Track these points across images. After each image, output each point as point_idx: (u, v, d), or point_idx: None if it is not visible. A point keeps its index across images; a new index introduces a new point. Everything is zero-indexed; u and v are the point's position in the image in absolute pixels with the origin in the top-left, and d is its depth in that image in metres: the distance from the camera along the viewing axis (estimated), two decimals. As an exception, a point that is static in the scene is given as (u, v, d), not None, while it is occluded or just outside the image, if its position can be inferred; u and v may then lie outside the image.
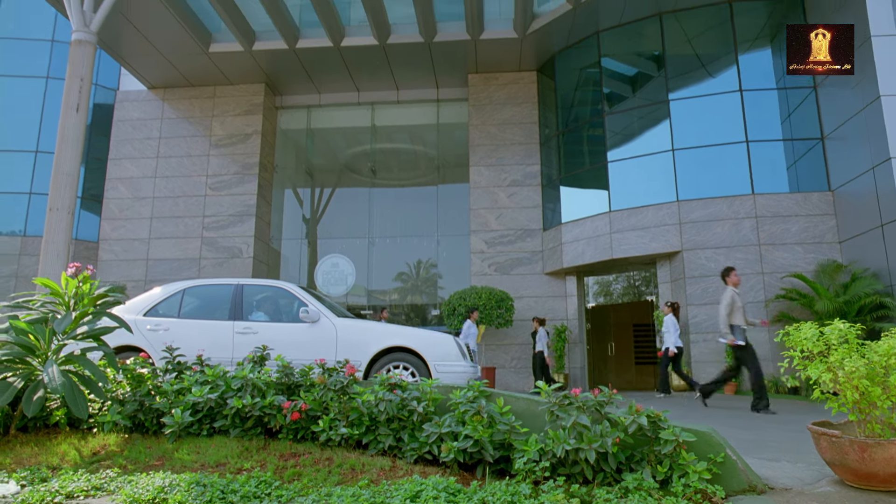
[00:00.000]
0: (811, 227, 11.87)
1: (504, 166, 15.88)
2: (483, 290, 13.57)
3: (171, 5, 13.18)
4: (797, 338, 3.00)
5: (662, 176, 13.08)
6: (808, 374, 2.92)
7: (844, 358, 2.81)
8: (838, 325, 2.95)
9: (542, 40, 14.89)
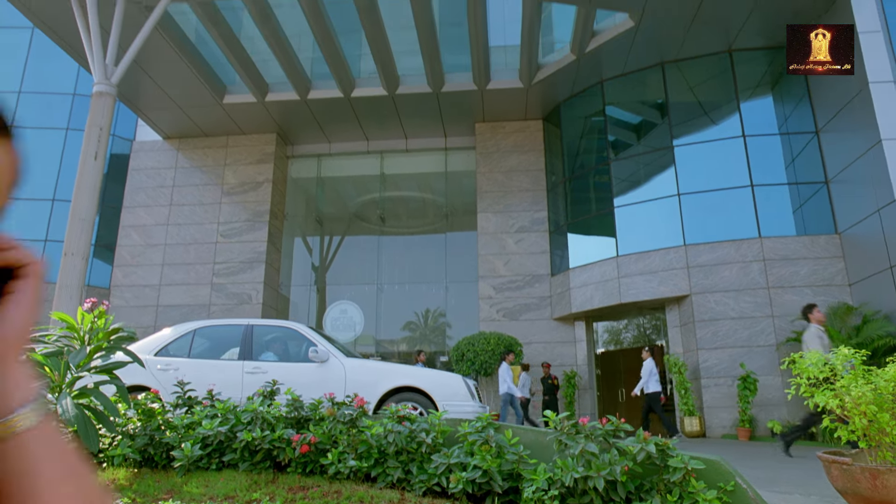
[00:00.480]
0: (820, 270, 11.86)
1: (512, 213, 16.06)
2: (492, 336, 13.55)
3: (188, 58, 13.68)
4: (803, 365, 3.02)
5: (669, 220, 13.19)
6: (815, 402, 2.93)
7: (851, 383, 2.83)
8: (843, 350, 2.97)
9: (548, 90, 15.27)
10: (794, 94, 13.14)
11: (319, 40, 13.09)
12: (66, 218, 15.46)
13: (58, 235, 15.48)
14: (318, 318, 16.96)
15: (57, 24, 12.27)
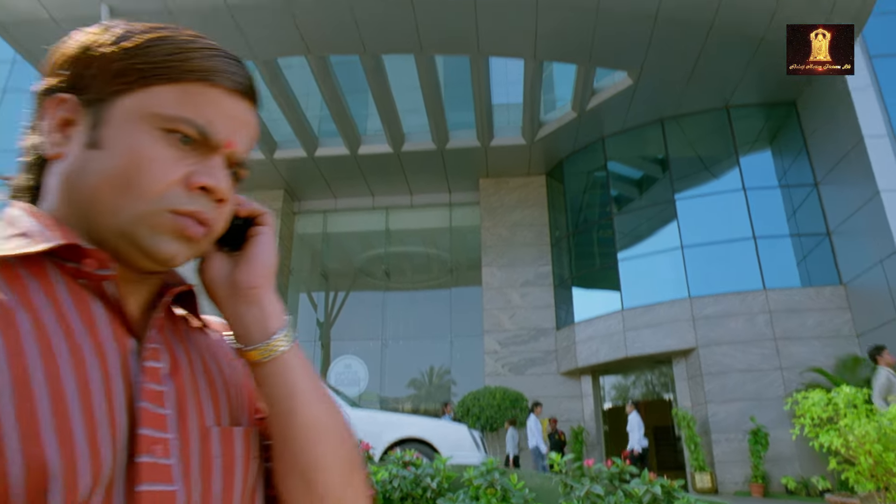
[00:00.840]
0: (826, 321, 11.80)
1: (516, 267, 16.14)
2: (497, 390, 13.41)
3: (201, 118, 14.09)
4: (806, 405, 3.02)
5: (673, 273, 13.23)
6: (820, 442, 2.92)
7: (854, 422, 2.82)
8: (845, 389, 2.97)
9: (550, 146, 15.61)
10: (791, 148, 13.39)
11: (327, 99, 13.51)
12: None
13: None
14: (323, 372, 16.83)
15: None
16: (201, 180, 0.57)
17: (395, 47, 12.06)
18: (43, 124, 0.60)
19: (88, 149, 0.57)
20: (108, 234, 0.56)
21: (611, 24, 11.34)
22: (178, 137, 0.57)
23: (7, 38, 11.47)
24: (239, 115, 0.62)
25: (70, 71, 0.59)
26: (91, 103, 0.58)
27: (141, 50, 0.58)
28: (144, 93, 0.57)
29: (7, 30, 11.28)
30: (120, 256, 0.57)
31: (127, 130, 0.56)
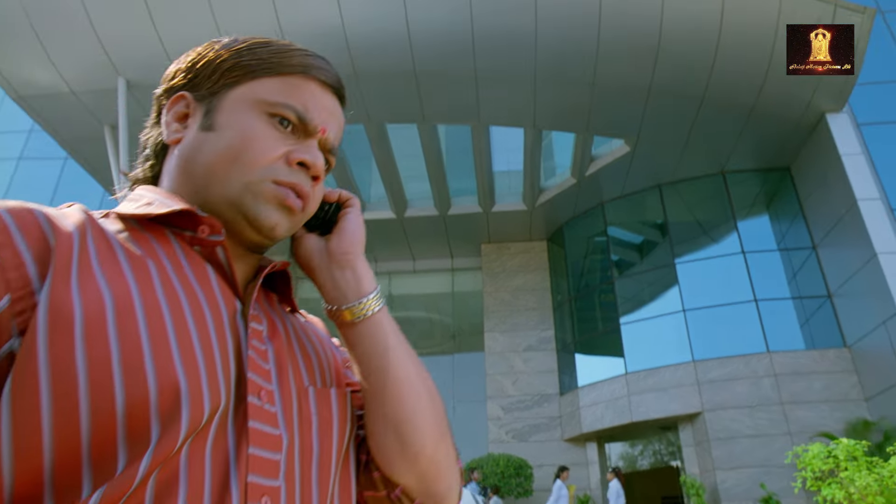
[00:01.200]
0: (833, 385, 11.67)
1: (518, 332, 16.11)
2: (501, 457, 13.14)
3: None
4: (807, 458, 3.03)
5: (676, 336, 13.20)
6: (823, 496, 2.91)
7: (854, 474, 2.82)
8: (844, 441, 2.99)
9: (551, 212, 15.89)
10: (788, 212, 13.61)
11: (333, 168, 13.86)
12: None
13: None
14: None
15: (90, 156, 13.16)
16: (300, 156, 0.68)
17: (398, 117, 12.50)
18: (163, 118, 0.73)
19: (203, 131, 0.69)
20: (219, 204, 0.66)
21: (606, 96, 11.80)
22: (279, 121, 0.68)
23: (27, 109, 11.94)
24: (330, 107, 0.73)
25: (186, 74, 0.72)
26: (204, 97, 0.70)
27: (249, 50, 0.71)
28: (252, 84, 0.69)
29: (28, 102, 11.76)
30: (229, 228, 0.66)
31: (237, 114, 0.68)
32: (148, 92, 7.27)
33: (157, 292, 0.55)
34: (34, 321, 0.48)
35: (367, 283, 0.73)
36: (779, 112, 12.09)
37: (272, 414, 0.60)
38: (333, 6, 10.26)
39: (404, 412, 0.69)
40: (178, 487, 0.50)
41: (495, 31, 10.66)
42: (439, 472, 0.73)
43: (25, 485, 0.45)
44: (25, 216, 0.53)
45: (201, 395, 0.53)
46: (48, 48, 10.85)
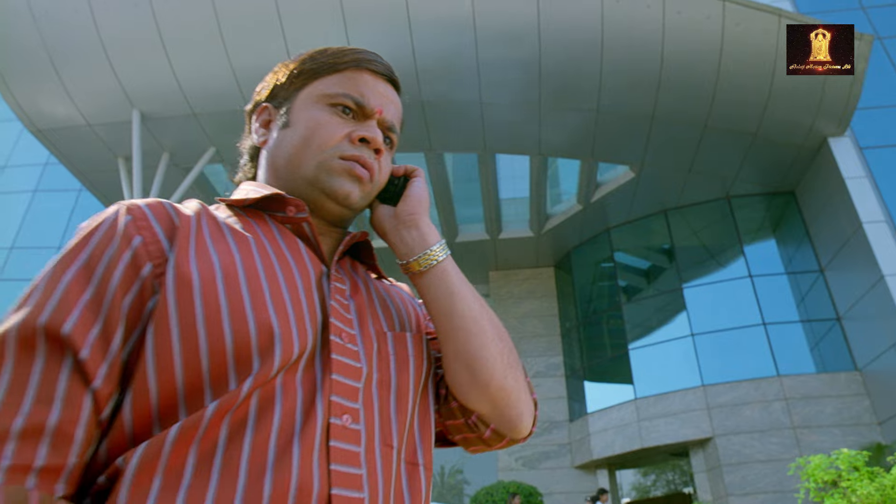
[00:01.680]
0: (845, 409, 11.57)
1: (527, 358, 16.08)
2: (511, 485, 13.00)
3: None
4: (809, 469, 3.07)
5: (685, 361, 13.16)
6: (826, 504, 2.94)
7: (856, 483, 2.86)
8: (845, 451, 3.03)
9: (557, 238, 15.99)
10: (794, 236, 13.65)
11: (341, 196, 14.08)
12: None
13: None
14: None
15: (104, 187, 13.43)
16: (360, 133, 0.82)
17: (406, 146, 12.74)
18: (252, 127, 0.92)
19: (283, 129, 0.85)
20: (301, 185, 0.82)
21: (610, 123, 11.99)
22: (341, 109, 0.83)
23: (44, 142, 12.26)
24: (385, 92, 0.88)
25: (266, 90, 0.91)
26: (280, 103, 0.88)
27: (310, 58, 0.88)
28: (315, 83, 0.86)
29: (45, 135, 12.08)
30: (312, 206, 0.82)
31: (306, 111, 0.84)
32: (161, 123, 7.82)
33: (255, 260, 0.71)
34: (166, 281, 0.66)
35: (431, 237, 0.86)
36: (781, 137, 12.24)
37: (353, 351, 0.73)
38: (341, 36, 10.57)
39: (472, 347, 0.80)
40: (275, 403, 0.65)
41: (500, 60, 10.92)
42: (509, 400, 0.83)
43: (165, 397, 0.63)
44: (158, 207, 0.72)
45: (291, 336, 0.67)
46: (66, 82, 11.19)
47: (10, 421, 0.56)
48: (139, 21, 10.43)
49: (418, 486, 0.76)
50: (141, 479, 0.58)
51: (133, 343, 0.64)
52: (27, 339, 0.60)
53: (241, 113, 4.87)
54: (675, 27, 10.50)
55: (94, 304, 0.63)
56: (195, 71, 11.08)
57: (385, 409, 0.74)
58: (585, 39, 10.64)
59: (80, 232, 0.69)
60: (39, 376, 0.59)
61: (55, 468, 0.57)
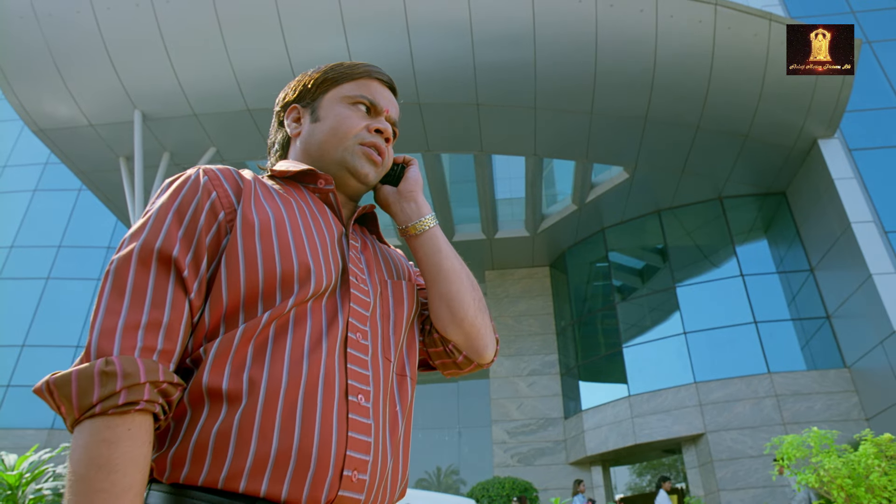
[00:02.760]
0: (834, 405, 11.80)
1: (523, 356, 16.29)
2: (506, 480, 13.20)
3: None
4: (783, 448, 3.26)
5: (678, 358, 13.38)
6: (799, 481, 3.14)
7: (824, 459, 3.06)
8: (816, 430, 3.23)
9: (553, 238, 16.20)
10: (785, 236, 13.89)
11: (339, 195, 14.26)
12: (88, 365, 15.86)
13: (78, 382, 15.77)
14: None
15: (105, 186, 13.58)
16: (376, 125, 1.07)
17: (404, 146, 12.93)
18: (285, 122, 1.14)
19: (313, 123, 1.09)
20: (330, 165, 1.06)
21: (605, 125, 12.21)
22: (359, 107, 1.08)
23: (46, 141, 12.40)
24: (388, 96, 1.13)
25: (294, 93, 1.14)
26: (308, 104, 1.12)
27: (331, 69, 1.12)
28: (337, 88, 1.11)
29: (47, 135, 12.23)
30: (336, 181, 1.06)
31: (331, 108, 1.09)
32: (162, 123, 8.12)
33: (296, 216, 0.96)
34: (235, 225, 0.89)
35: (425, 209, 1.11)
36: (772, 138, 12.47)
37: (364, 289, 0.98)
38: (341, 41, 10.76)
39: (452, 291, 1.06)
40: (308, 317, 0.89)
41: (496, 63, 11.12)
42: (478, 333, 1.08)
43: (231, 307, 0.86)
44: (227, 171, 0.96)
45: (321, 273, 0.91)
46: (68, 82, 11.35)
47: (139, 317, 0.79)
48: (141, 22, 10.60)
49: (405, 390, 1.02)
50: (217, 362, 0.82)
51: (213, 269, 0.87)
52: (145, 258, 0.83)
53: (241, 114, 5.38)
54: (667, 31, 10.72)
55: (187, 239, 0.86)
56: (196, 72, 11.26)
57: (385, 333, 0.99)
58: (580, 43, 10.85)
59: (171, 186, 0.91)
60: (153, 286, 0.82)
61: (168, 351, 0.80)
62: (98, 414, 0.73)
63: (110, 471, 0.71)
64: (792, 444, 3.19)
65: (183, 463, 0.79)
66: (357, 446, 0.85)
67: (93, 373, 0.74)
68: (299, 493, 0.79)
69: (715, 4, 10.56)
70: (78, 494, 0.70)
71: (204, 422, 0.80)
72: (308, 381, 0.84)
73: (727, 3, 10.67)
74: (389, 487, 0.93)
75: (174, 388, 0.79)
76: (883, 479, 2.84)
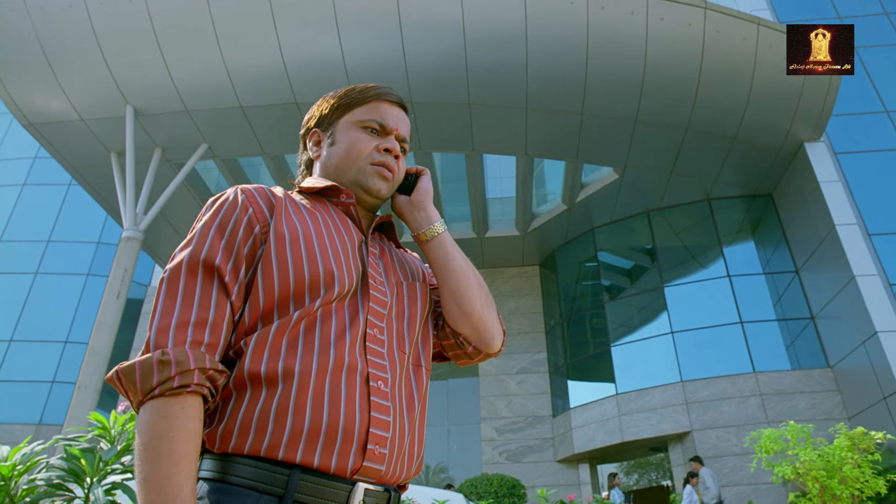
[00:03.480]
0: (818, 404, 11.99)
1: (512, 354, 16.39)
2: (494, 477, 13.30)
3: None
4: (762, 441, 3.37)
5: (665, 358, 13.53)
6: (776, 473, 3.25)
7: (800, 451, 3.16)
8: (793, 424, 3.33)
9: (542, 237, 16.31)
10: (772, 237, 14.08)
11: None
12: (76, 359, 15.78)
13: (66, 377, 15.75)
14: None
15: (95, 181, 13.54)
16: (385, 145, 1.20)
17: (395, 145, 12.97)
18: (308, 146, 1.27)
19: (330, 147, 1.22)
20: (347, 184, 1.19)
21: (595, 125, 12.32)
22: (370, 130, 1.21)
23: (37, 136, 12.37)
24: (398, 114, 1.25)
25: (314, 119, 1.27)
26: (326, 129, 1.25)
27: (344, 94, 1.25)
28: (350, 113, 1.23)
29: (37, 129, 12.19)
30: (355, 197, 1.18)
31: (345, 133, 1.22)
32: (154, 119, 8.22)
33: (322, 228, 1.09)
34: (269, 237, 1.03)
35: (434, 217, 1.23)
36: (760, 141, 12.64)
37: (382, 290, 1.11)
38: (334, 40, 10.80)
39: (460, 289, 1.17)
40: (332, 315, 1.02)
41: (488, 63, 11.20)
42: (486, 326, 1.21)
43: (268, 307, 0.99)
44: (261, 190, 1.09)
45: (344, 277, 1.04)
46: (60, 77, 11.32)
47: (189, 316, 0.94)
48: (134, 16, 10.60)
49: (421, 379, 1.14)
50: (256, 353, 0.96)
51: (250, 275, 1.01)
52: (193, 266, 0.98)
53: (234, 110, 5.55)
54: (657, 33, 10.85)
55: (228, 249, 1.00)
56: (189, 68, 11.26)
57: (400, 329, 1.11)
58: (571, 44, 10.95)
59: (214, 204, 1.06)
60: (200, 290, 0.97)
61: (214, 344, 0.95)
62: (157, 396, 0.88)
63: (169, 440, 0.86)
64: (770, 438, 3.30)
65: (231, 436, 0.93)
66: (378, 424, 0.98)
67: (152, 362, 0.89)
68: (329, 462, 0.93)
69: (704, 8, 10.70)
70: (145, 460, 0.85)
71: (248, 402, 0.94)
72: (334, 368, 0.97)
73: (716, 7, 10.82)
74: (406, 462, 1.05)
75: (219, 374, 0.93)
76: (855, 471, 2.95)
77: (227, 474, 0.92)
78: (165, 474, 0.84)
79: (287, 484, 0.90)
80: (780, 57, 11.14)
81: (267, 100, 11.62)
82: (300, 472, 0.91)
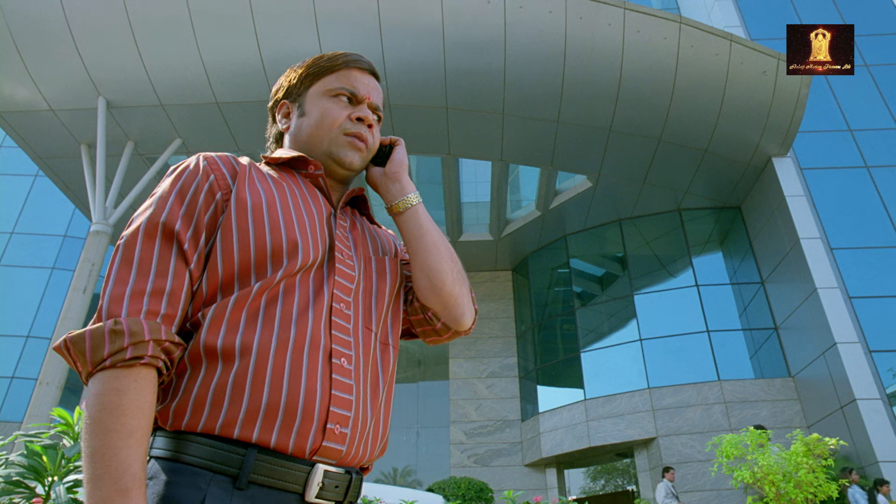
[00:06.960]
0: (779, 412, 12.28)
1: (483, 358, 16.47)
2: (462, 480, 13.34)
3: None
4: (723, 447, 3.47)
5: (633, 364, 13.73)
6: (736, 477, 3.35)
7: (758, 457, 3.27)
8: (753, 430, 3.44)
9: (516, 243, 16.44)
10: (739, 249, 14.40)
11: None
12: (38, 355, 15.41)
13: (27, 373, 15.38)
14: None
15: (64, 173, 13.27)
16: (357, 114, 1.15)
17: (372, 146, 12.98)
18: (277, 118, 1.23)
19: (300, 118, 1.18)
20: (318, 155, 1.15)
21: (570, 134, 12.48)
22: (341, 99, 1.16)
23: (3, 125, 12.07)
24: (369, 82, 1.20)
25: (282, 90, 1.23)
26: (295, 99, 1.21)
27: (313, 63, 1.20)
28: (319, 82, 1.18)
29: (4, 118, 11.90)
30: (325, 168, 1.15)
31: (315, 102, 1.17)
32: (127, 112, 8.14)
33: (287, 197, 1.06)
34: (230, 204, 0.99)
35: (408, 188, 1.19)
36: (730, 154, 12.93)
37: (350, 265, 1.07)
38: (313, 38, 10.77)
39: (431, 262, 1.13)
40: (296, 287, 0.98)
41: (466, 68, 11.28)
42: (456, 302, 1.16)
43: (226, 277, 0.96)
44: (224, 157, 1.05)
45: (308, 247, 1.00)
46: (29, 64, 11.08)
47: (145, 285, 0.90)
48: (109, 6, 10.43)
49: (388, 358, 1.10)
50: (213, 326, 0.92)
51: (210, 243, 0.97)
52: (150, 232, 0.94)
53: (209, 106, 5.52)
54: (633, 45, 11.04)
55: (188, 216, 0.96)
56: (164, 61, 11.12)
57: (367, 305, 1.08)
58: (549, 53, 11.09)
59: (175, 171, 1.02)
60: (157, 257, 0.92)
61: (170, 315, 0.90)
62: (108, 367, 0.84)
63: (120, 414, 0.81)
64: (731, 443, 3.40)
65: (184, 413, 0.89)
66: (339, 403, 0.95)
67: (103, 332, 0.84)
68: (286, 441, 0.89)
69: (679, 23, 10.93)
70: (93, 434, 0.80)
71: (203, 377, 0.90)
72: (295, 344, 0.93)
73: (691, 23, 11.06)
74: (370, 443, 1.02)
75: (175, 346, 0.89)
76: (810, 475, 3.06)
77: (179, 453, 0.87)
78: (114, 448, 0.79)
79: (242, 464, 0.86)
80: (752, 73, 11.46)
81: (243, 96, 11.52)
82: (256, 452, 0.87)
